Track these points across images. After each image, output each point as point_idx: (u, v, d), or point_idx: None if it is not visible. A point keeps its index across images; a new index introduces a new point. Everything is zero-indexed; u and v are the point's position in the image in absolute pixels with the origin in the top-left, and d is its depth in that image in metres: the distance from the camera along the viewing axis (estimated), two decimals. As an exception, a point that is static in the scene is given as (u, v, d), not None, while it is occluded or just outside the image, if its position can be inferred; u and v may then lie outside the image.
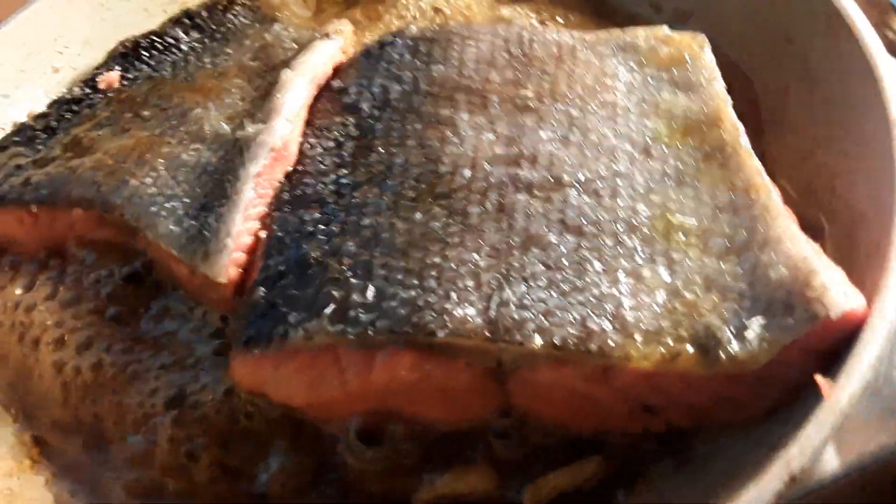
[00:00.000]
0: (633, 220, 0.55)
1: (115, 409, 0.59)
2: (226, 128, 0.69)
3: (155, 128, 0.72)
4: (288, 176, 0.63)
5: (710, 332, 0.48)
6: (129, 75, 0.80)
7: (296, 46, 0.79)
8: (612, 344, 0.48)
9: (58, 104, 0.78)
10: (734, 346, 0.46)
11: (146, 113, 0.74)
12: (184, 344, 0.62)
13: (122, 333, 0.64)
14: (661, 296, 0.50)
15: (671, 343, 0.48)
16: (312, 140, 0.66)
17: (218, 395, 0.58)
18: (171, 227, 0.62)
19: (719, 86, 0.62)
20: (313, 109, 0.69)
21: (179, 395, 0.58)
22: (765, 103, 0.68)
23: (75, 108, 0.77)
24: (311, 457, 0.54)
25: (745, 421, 0.48)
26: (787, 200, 0.56)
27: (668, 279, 0.51)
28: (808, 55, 0.64)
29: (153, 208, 0.64)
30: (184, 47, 0.83)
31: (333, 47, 0.75)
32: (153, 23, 0.85)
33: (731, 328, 0.47)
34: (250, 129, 0.64)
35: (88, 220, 0.66)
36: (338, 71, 0.74)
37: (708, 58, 0.64)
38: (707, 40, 0.66)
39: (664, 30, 0.68)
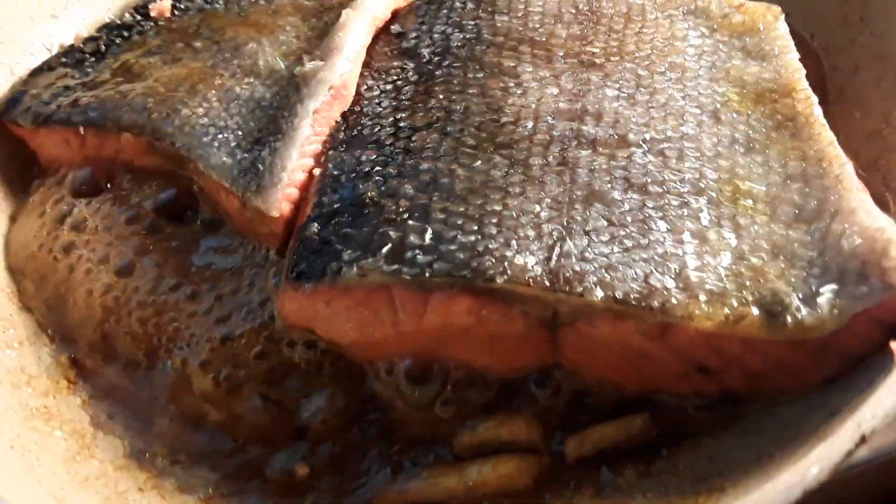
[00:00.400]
0: (700, 184, 0.54)
1: (157, 334, 0.59)
2: (281, 64, 0.68)
3: (207, 59, 0.71)
4: (345, 116, 0.63)
5: (777, 296, 0.47)
6: (181, 5, 0.79)
7: (352, -11, 0.79)
8: (674, 301, 0.47)
9: (107, 28, 0.77)
10: (803, 312, 0.46)
11: (198, 44, 0.73)
12: (228, 275, 0.62)
13: (167, 260, 0.64)
14: (726, 258, 0.50)
15: (736, 305, 0.47)
16: (371, 82, 0.65)
17: (263, 327, 0.59)
18: (224, 158, 0.62)
19: (793, 56, 0.61)
20: (371, 52, 0.69)
21: (223, 326, 0.58)
22: (833, 80, 0.67)
23: (125, 33, 0.77)
24: (353, 394, 0.54)
25: (800, 389, 0.48)
26: None
27: (734, 243, 0.51)
28: (883, 34, 0.63)
29: (205, 139, 0.63)
30: (237, -18, 0.82)
31: (393, -10, 0.74)
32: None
33: (800, 294, 0.47)
34: (309, 65, 0.63)
35: (137, 147, 0.66)
36: (396, 15, 0.73)
37: (782, 28, 0.63)
38: (782, 12, 0.64)
39: (737, -4, 0.67)
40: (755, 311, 0.47)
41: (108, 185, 0.68)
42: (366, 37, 0.67)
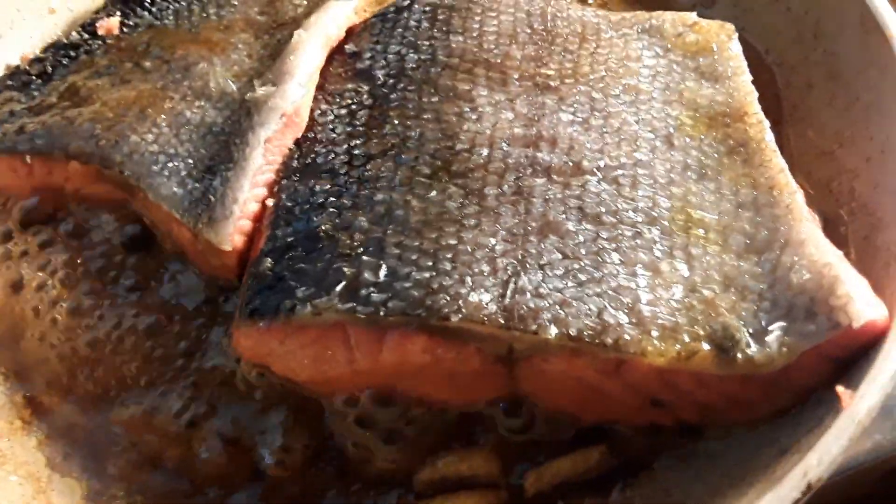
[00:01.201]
0: (653, 212, 0.55)
1: (115, 371, 0.58)
2: (232, 86, 0.67)
3: (157, 80, 0.69)
4: (298, 143, 0.62)
5: (728, 332, 0.48)
6: (130, 22, 0.77)
7: (306, 3, 0.77)
8: (627, 338, 0.48)
9: (54, 48, 0.75)
10: (752, 349, 0.46)
11: (147, 64, 0.71)
12: (184, 309, 0.62)
13: (121, 295, 0.63)
14: (678, 291, 0.50)
15: (687, 340, 0.48)
16: (324, 106, 0.65)
17: (219, 363, 0.58)
18: (174, 188, 0.61)
19: (746, 79, 0.61)
20: (325, 74, 0.68)
21: (180, 362, 0.58)
22: (787, 97, 0.68)
23: (72, 53, 0.74)
24: (312, 433, 0.54)
25: (753, 421, 0.49)
26: (805, 196, 0.56)
27: (686, 274, 0.51)
28: (836, 53, 0.64)
29: (155, 167, 0.62)
30: (188, -4, 0.81)
31: (347, 8, 0.72)
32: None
33: (750, 329, 0.47)
34: (261, 91, 0.62)
35: (86, 175, 0.64)
36: (351, 34, 0.72)
37: (735, 49, 0.64)
38: (735, 31, 0.65)
39: (692, 16, 0.67)
40: (706, 346, 0.47)
41: (57, 216, 0.67)
42: (319, 59, 0.66)
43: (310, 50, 0.65)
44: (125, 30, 0.76)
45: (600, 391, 0.50)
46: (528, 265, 0.51)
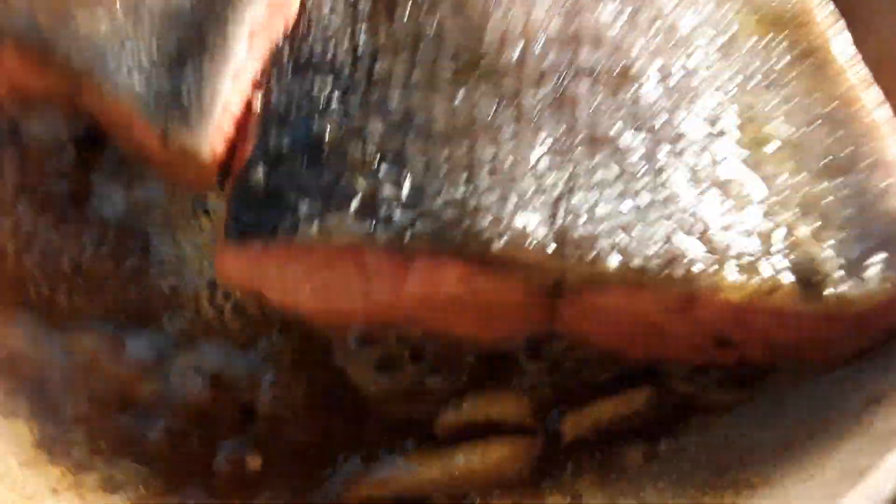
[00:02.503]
0: (718, 125, 0.47)
1: (69, 292, 0.48)
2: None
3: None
4: (289, 30, 0.51)
5: (815, 264, 0.41)
6: None
7: None
8: (700, 269, 0.41)
9: None
10: (847, 284, 0.40)
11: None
12: (159, 220, 0.52)
13: (70, 214, 0.52)
14: (754, 215, 0.43)
15: (768, 273, 0.41)
16: (319, -9, 0.54)
17: (196, 288, 0.49)
18: (136, 80, 0.49)
19: (815, -22, 0.54)
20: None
21: (148, 283, 0.48)
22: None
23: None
24: (314, 368, 0.46)
25: (829, 362, 0.43)
26: None
27: (761, 196, 0.44)
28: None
29: (109, 55, 0.51)
30: None
31: None
32: None
33: (842, 262, 0.41)
34: (241, -36, 0.51)
35: (24, 64, 0.52)
36: None
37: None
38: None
39: None
40: (790, 279, 0.41)
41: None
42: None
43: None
44: None
45: (658, 328, 0.44)
46: (579, 183, 0.43)
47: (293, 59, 0.50)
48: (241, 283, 0.46)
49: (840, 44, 0.50)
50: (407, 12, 0.51)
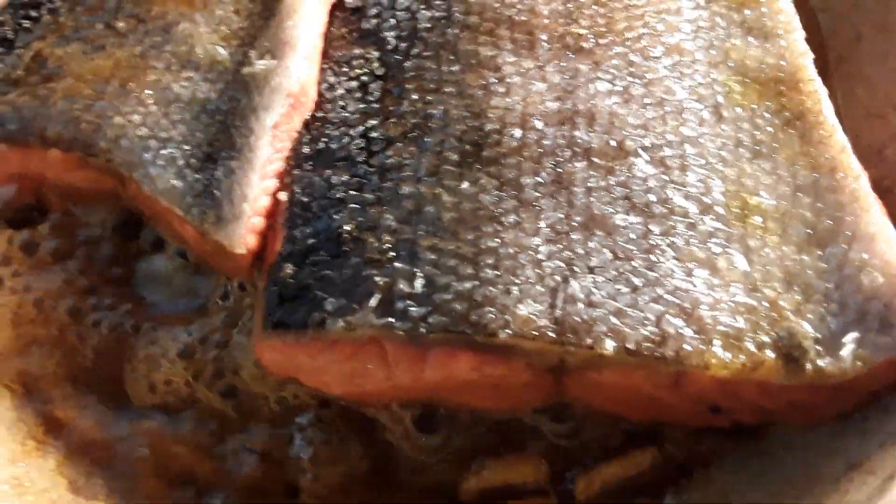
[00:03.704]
0: (706, 199, 0.50)
1: (133, 377, 0.54)
2: (223, 53, 0.60)
3: (134, 45, 0.62)
4: (307, 124, 0.56)
5: (795, 339, 0.45)
6: (94, -29, 0.68)
7: (294, -58, 0.69)
8: (689, 349, 0.45)
9: (12, 8, 0.65)
10: (823, 360, 0.44)
11: (120, 24, 0.63)
12: (189, 309, 0.57)
13: (118, 294, 0.58)
14: (739, 291, 0.47)
15: (752, 349, 0.45)
16: (332, 78, 0.58)
17: (240, 369, 0.54)
18: (173, 180, 0.54)
19: (798, 36, 0.56)
20: (327, 35, 0.61)
21: (200, 365, 0.54)
22: (833, 47, 0.62)
23: (33, 13, 0.65)
24: (350, 442, 0.52)
25: (815, 423, 0.47)
26: None
27: (746, 271, 0.48)
28: (889, 2, 0.58)
29: (147, 155, 0.56)
30: (156, -65, 0.71)
31: (344, -50, 0.64)
32: None
33: (819, 336, 0.45)
34: (259, 64, 0.55)
35: (68, 163, 0.58)
36: (350, -20, 0.65)
37: (785, 1, 0.58)
38: (783, -18, 0.59)
39: (735, -44, 0.60)
40: (772, 355, 0.45)
41: (39, 205, 0.61)
42: (321, 21, 0.59)
43: (310, 12, 0.58)
44: (89, -19, 0.67)
45: (656, 400, 0.48)
46: (576, 268, 0.48)
47: (312, 153, 0.55)
48: (279, 370, 0.51)
49: (823, 110, 0.52)
50: (415, 95, 0.55)
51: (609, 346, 0.45)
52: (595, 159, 0.52)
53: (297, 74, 0.55)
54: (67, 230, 0.59)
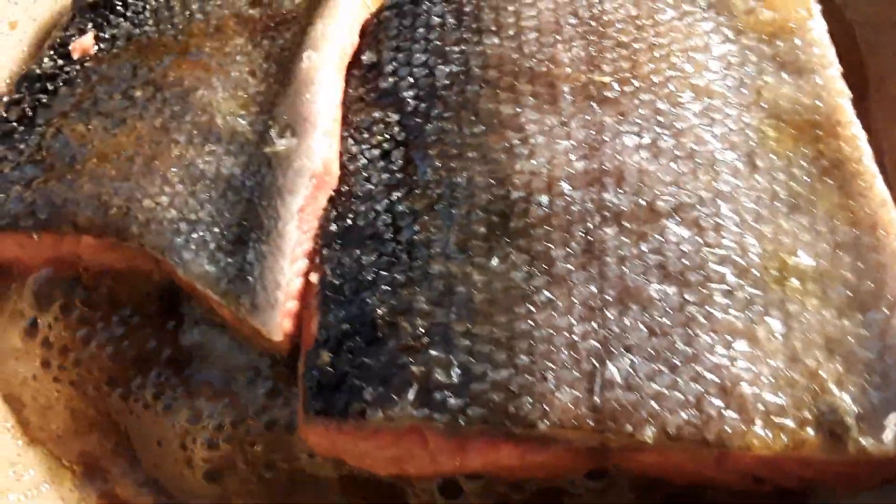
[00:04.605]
0: (743, 261, 0.49)
1: (183, 452, 0.56)
2: (243, 124, 0.59)
3: (154, 116, 0.61)
4: (332, 201, 0.55)
5: (837, 415, 0.44)
6: (105, 35, 0.67)
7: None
8: (730, 431, 0.44)
9: (27, 83, 0.66)
10: (867, 439, 0.43)
11: (138, 94, 0.63)
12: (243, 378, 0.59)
13: (165, 370, 0.59)
14: (780, 362, 0.46)
15: (794, 426, 0.44)
16: (353, 147, 0.57)
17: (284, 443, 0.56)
18: (206, 265, 0.55)
19: (834, 73, 0.53)
20: (345, 95, 0.59)
21: (239, 432, 0.56)
22: (872, 65, 0.59)
23: (49, 86, 0.65)
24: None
25: (857, 489, 0.47)
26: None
27: (785, 340, 0.47)
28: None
29: (178, 239, 0.56)
30: (164, -12, 0.69)
31: (356, 4, 0.62)
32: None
33: (862, 413, 0.44)
34: (280, 144, 0.55)
35: (101, 247, 0.59)
36: (363, 33, 0.63)
37: (819, 30, 0.55)
38: (815, 0, 0.55)
39: (764, -18, 0.57)
40: (814, 433, 0.44)
41: (77, 284, 0.62)
42: (339, 89, 0.57)
43: (327, 81, 0.56)
44: (101, 45, 0.67)
45: (698, 473, 0.48)
46: (612, 348, 0.47)
47: (340, 230, 0.54)
48: (324, 450, 0.52)
49: (863, 159, 0.50)
50: (438, 162, 0.55)
51: (649, 433, 0.45)
52: (626, 224, 0.51)
53: (319, 153, 0.54)
54: (108, 308, 0.61)
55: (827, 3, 0.58)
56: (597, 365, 0.47)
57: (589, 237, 0.50)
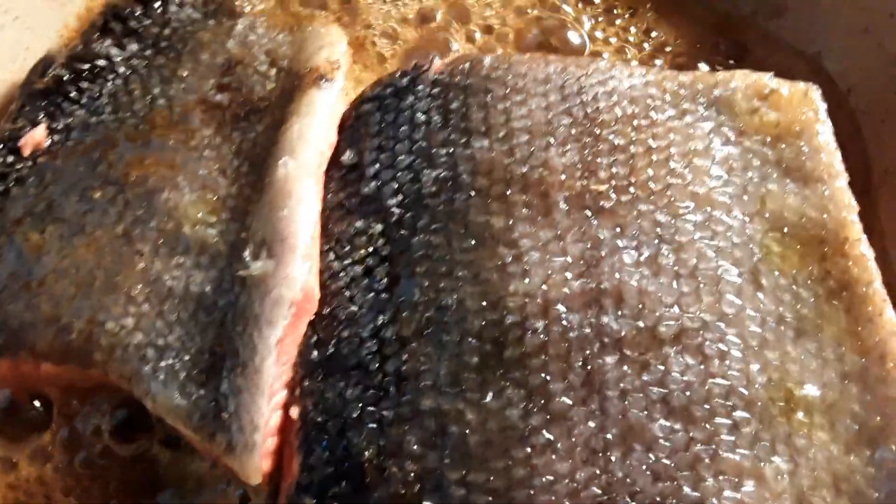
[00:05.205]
0: (748, 392, 0.52)
1: None
2: (214, 233, 0.60)
3: (116, 224, 0.62)
4: (312, 323, 0.57)
5: (848, 566, 0.47)
6: (58, 125, 0.68)
7: (273, 72, 0.68)
8: (738, 584, 0.48)
9: (-25, 181, 0.67)
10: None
11: (97, 196, 0.64)
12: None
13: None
14: (787, 503, 0.49)
15: (804, 578, 0.48)
16: (335, 263, 0.59)
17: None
18: (176, 398, 0.56)
19: (842, 183, 0.56)
20: (325, 202, 0.61)
21: None
22: (877, 157, 0.62)
23: (0, 186, 0.66)
24: None
25: None
26: None
27: (793, 478, 0.49)
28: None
29: (146, 368, 0.57)
30: (122, 69, 0.70)
31: (333, 96, 0.64)
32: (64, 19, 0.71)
33: (872, 562, 0.47)
34: (255, 267, 0.56)
35: (62, 374, 0.60)
36: (342, 126, 0.64)
37: (825, 135, 0.57)
38: (821, 102, 0.57)
39: (767, 81, 0.59)
40: (825, 583, 0.47)
41: (35, 407, 0.63)
42: (318, 199, 0.59)
43: (306, 192, 0.58)
44: (55, 138, 0.67)
45: None
46: (616, 496, 0.49)
47: (321, 359, 0.56)
48: None
49: (873, 282, 0.53)
50: (426, 282, 0.56)
51: (655, 587, 0.47)
52: (627, 351, 0.53)
53: (298, 280, 0.55)
54: (72, 428, 0.62)
55: (830, 91, 0.60)
56: (600, 515, 0.49)
57: (588, 367, 0.53)
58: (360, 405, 0.54)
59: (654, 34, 0.70)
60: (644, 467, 0.50)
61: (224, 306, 0.58)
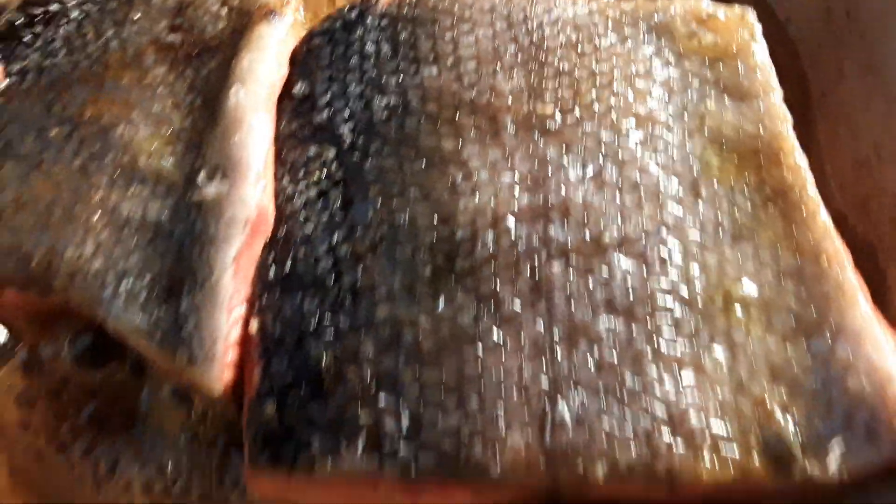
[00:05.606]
0: (688, 292, 0.58)
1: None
2: (169, 164, 0.66)
3: (72, 159, 0.67)
4: (269, 244, 0.62)
5: (783, 444, 0.53)
6: (13, 68, 0.73)
7: (224, 10, 0.74)
8: (679, 466, 0.53)
9: (-70, 122, 0.71)
10: (812, 466, 0.52)
11: (54, 133, 0.69)
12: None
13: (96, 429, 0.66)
14: (725, 392, 0.55)
15: (740, 457, 0.53)
16: (289, 188, 0.64)
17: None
18: (137, 318, 0.61)
19: (776, 98, 0.62)
20: (278, 132, 0.66)
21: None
22: (815, 80, 0.69)
23: (-45, 126, 0.71)
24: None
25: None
26: (836, 218, 0.59)
27: (731, 368, 0.56)
28: (874, 41, 0.64)
29: (106, 292, 0.62)
30: (74, 14, 0.76)
31: (283, 30, 0.69)
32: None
33: (808, 441, 0.53)
34: (210, 189, 0.61)
35: (27, 299, 0.65)
36: (294, 60, 0.70)
37: (761, 55, 0.64)
38: (757, 22, 0.64)
39: (704, 5, 0.66)
40: (761, 461, 0.53)
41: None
42: (270, 127, 0.64)
43: (257, 119, 0.63)
44: (11, 80, 0.72)
45: (652, 499, 0.56)
46: (562, 387, 0.55)
47: (279, 277, 0.61)
48: (272, 498, 0.59)
49: (807, 187, 0.59)
50: (379, 202, 0.62)
51: (600, 471, 0.53)
52: (573, 259, 0.59)
53: (252, 200, 0.61)
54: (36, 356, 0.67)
55: (769, 20, 0.67)
56: (547, 405, 0.55)
57: (536, 274, 0.59)
58: (318, 317, 0.59)
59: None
60: (588, 362, 0.56)
61: (181, 232, 0.63)
